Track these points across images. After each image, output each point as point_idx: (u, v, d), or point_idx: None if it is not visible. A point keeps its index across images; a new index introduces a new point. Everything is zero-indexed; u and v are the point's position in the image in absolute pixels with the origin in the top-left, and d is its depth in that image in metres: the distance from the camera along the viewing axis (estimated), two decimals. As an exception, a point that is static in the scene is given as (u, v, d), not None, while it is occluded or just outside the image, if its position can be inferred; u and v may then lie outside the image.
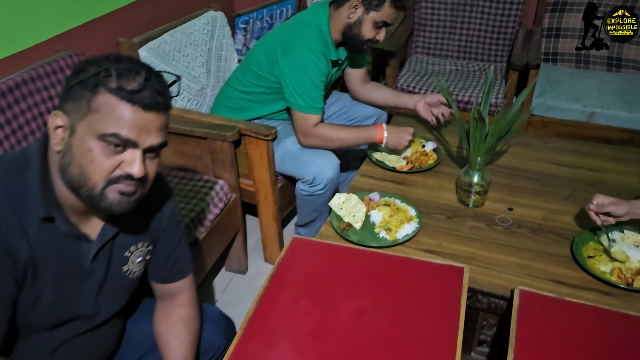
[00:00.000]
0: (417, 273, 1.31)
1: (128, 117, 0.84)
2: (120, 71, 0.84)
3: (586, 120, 2.36)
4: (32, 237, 0.88)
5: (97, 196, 0.88)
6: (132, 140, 0.85)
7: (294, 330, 1.14)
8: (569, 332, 1.13)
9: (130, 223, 1.03)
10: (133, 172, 0.86)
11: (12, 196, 0.87)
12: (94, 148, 0.84)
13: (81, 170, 0.86)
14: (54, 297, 0.94)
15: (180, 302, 1.16)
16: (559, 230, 1.52)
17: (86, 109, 0.84)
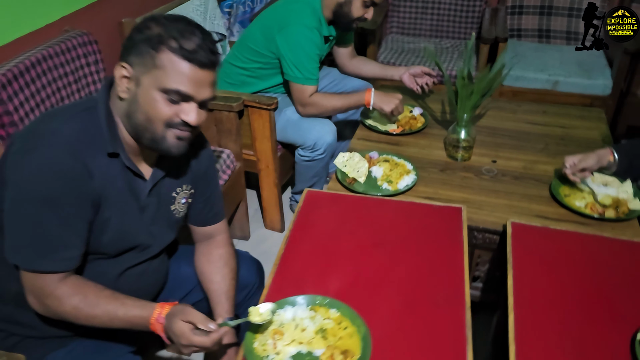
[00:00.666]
0: (422, 214, 1.49)
1: (187, 74, 0.97)
2: (180, 32, 0.96)
3: (551, 88, 2.61)
4: (103, 169, 1.01)
5: (159, 139, 1.02)
6: (190, 95, 0.99)
7: (320, 265, 1.30)
8: (556, 254, 1.33)
9: (175, 168, 1.16)
10: (190, 120, 1.01)
11: (86, 132, 1.00)
12: (157, 98, 0.98)
13: (146, 116, 0.99)
14: (119, 225, 1.07)
15: (219, 243, 1.30)
16: (537, 177, 1.73)
17: (151, 64, 0.97)
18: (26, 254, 0.99)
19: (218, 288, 1.25)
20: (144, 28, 0.98)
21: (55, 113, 1.06)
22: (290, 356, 1.06)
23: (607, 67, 2.65)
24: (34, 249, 0.98)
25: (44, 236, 0.97)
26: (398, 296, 1.21)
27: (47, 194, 0.95)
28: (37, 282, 1.00)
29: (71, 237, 1.00)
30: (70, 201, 0.97)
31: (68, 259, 1.01)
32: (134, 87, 0.99)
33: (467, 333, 1.11)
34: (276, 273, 1.27)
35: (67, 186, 0.96)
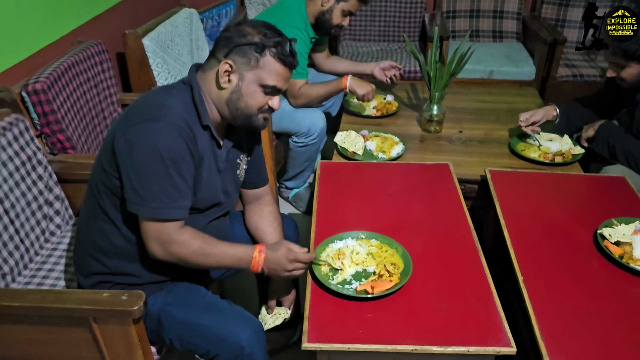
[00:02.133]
0: (418, 171, 1.83)
1: (281, 74, 1.26)
2: (277, 41, 1.24)
3: (487, 77, 3.08)
4: (200, 137, 1.26)
5: (253, 120, 1.31)
6: (280, 89, 1.29)
7: (349, 212, 1.60)
8: (526, 187, 1.72)
9: (238, 140, 1.42)
10: (275, 107, 1.31)
11: (188, 107, 1.24)
12: (257, 91, 1.26)
13: (247, 104, 1.27)
14: (208, 184, 1.31)
15: (267, 202, 1.57)
16: (497, 140, 2.13)
17: (254, 64, 1.23)
18: (154, 205, 1.18)
19: (272, 238, 1.51)
20: (245, 33, 1.23)
21: (160, 91, 1.28)
22: (351, 275, 1.34)
23: (529, 57, 3.16)
24: (162, 200, 1.18)
25: (170, 188, 1.18)
26: (419, 227, 1.54)
27: (173, 152, 1.17)
28: (164, 230, 1.20)
29: (187, 189, 1.22)
30: (188, 159, 1.21)
31: (185, 208, 1.22)
32: (237, 81, 1.25)
33: (478, 247, 1.45)
34: (317, 222, 1.55)
35: (187, 147, 1.19)
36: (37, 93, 1.65)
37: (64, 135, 1.73)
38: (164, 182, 1.18)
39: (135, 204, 1.19)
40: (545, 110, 2.05)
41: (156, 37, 2.29)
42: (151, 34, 2.28)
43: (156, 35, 2.30)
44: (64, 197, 1.69)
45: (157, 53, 2.29)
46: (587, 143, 1.99)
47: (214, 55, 1.27)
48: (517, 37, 3.41)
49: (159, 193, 1.18)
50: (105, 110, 2.05)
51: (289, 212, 2.62)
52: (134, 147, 1.17)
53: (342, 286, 1.30)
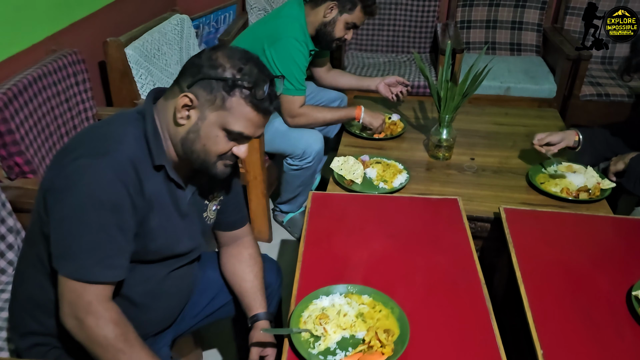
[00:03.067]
0: (422, 207, 1.61)
1: (252, 120, 1.04)
2: (253, 80, 1.02)
3: (504, 94, 2.84)
4: (151, 180, 1.05)
5: (210, 166, 1.10)
6: (249, 136, 1.08)
7: (340, 258, 1.38)
8: (546, 230, 1.49)
9: (209, 179, 1.22)
10: (240, 155, 1.10)
11: (140, 144, 1.04)
12: (219, 135, 1.05)
13: (205, 149, 1.06)
14: (165, 232, 1.10)
15: (247, 244, 1.36)
16: (514, 170, 1.90)
17: (220, 104, 1.02)
18: (80, 261, 0.97)
19: (252, 285, 1.30)
20: (217, 65, 1.02)
21: (111, 121, 1.08)
22: (336, 342, 1.13)
23: (549, 73, 2.93)
24: (90, 255, 0.97)
25: (104, 241, 0.97)
26: (419, 279, 1.32)
27: (112, 198, 0.97)
28: (85, 294, 0.97)
29: (125, 244, 1.01)
30: (128, 208, 1.00)
31: (119, 267, 1.01)
32: (197, 119, 1.04)
33: (488, 306, 1.23)
34: (301, 269, 1.33)
35: (128, 193, 0.99)
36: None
37: (23, 159, 1.54)
38: (99, 232, 0.97)
39: (59, 258, 0.98)
40: (565, 134, 1.82)
41: (140, 46, 2.10)
42: (135, 43, 2.09)
43: (141, 43, 2.11)
44: (20, 229, 1.50)
45: (141, 63, 2.10)
46: (616, 177, 1.76)
47: (178, 83, 1.06)
48: (536, 51, 3.18)
49: (88, 246, 0.97)
50: (78, 127, 1.86)
51: (283, 238, 2.42)
52: (67, 187, 0.97)
53: (325, 357, 1.09)
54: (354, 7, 2.02)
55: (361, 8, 2.02)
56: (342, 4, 2.01)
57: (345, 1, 2.01)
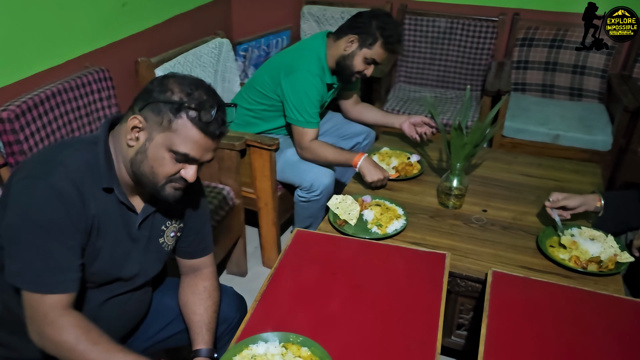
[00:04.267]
0: (406, 259, 1.53)
1: (198, 142, 1.06)
2: (200, 103, 1.04)
3: (551, 142, 2.65)
4: (98, 201, 1.08)
5: (159, 189, 1.11)
6: (196, 159, 1.08)
7: (299, 303, 1.34)
8: (532, 305, 1.35)
9: (166, 203, 1.23)
10: (188, 178, 1.11)
11: (87, 166, 1.07)
12: (165, 157, 1.07)
13: (152, 170, 1.08)
14: (109, 255, 1.13)
15: (205, 275, 1.35)
16: (526, 228, 1.75)
17: (166, 125, 1.05)
18: (29, 276, 1.02)
19: (200, 320, 1.29)
20: (166, 89, 1.05)
21: (63, 145, 1.14)
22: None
23: (608, 123, 2.68)
24: (37, 271, 1.02)
25: (46, 258, 1.02)
26: (372, 337, 1.24)
27: (49, 218, 1.01)
28: (40, 307, 1.02)
29: (70, 260, 1.05)
30: (69, 226, 1.03)
31: (70, 281, 1.05)
32: (144, 140, 1.07)
33: (436, 378, 1.13)
34: (255, 308, 1.31)
35: (68, 212, 1.02)
36: (2, 122, 1.57)
37: (29, 167, 1.64)
38: (35, 251, 1.02)
39: (12, 273, 1.04)
40: (585, 198, 1.65)
41: (171, 67, 2.18)
42: (166, 64, 2.18)
43: (172, 65, 2.19)
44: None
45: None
46: (638, 253, 1.57)
47: (132, 108, 1.10)
48: (599, 98, 2.93)
49: (33, 263, 1.02)
50: (96, 141, 1.96)
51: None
52: (10, 206, 1.03)
53: (241, 407, 1.05)
54: (374, 43, 1.97)
55: (382, 44, 1.98)
56: (362, 38, 1.98)
57: (367, 36, 1.97)
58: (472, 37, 3.00)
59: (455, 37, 3.03)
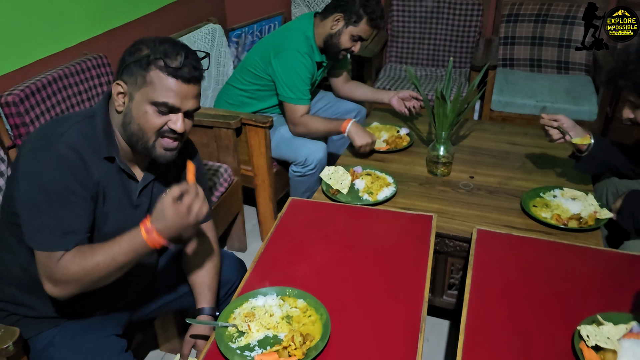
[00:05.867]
0: (395, 221, 1.61)
1: (173, 89, 1.13)
2: (165, 52, 1.12)
3: (539, 114, 2.71)
4: (101, 169, 1.16)
5: (150, 148, 1.18)
6: (176, 107, 1.15)
7: (294, 262, 1.42)
8: (515, 259, 1.43)
9: (165, 172, 1.31)
10: (176, 128, 1.17)
11: (86, 137, 1.15)
12: (148, 111, 1.14)
13: (139, 127, 1.16)
14: (116, 219, 1.22)
15: (205, 240, 1.43)
16: (511, 191, 1.83)
17: (141, 82, 1.13)
18: (38, 238, 1.10)
19: (202, 281, 1.38)
20: (135, 50, 1.14)
21: (63, 119, 1.22)
22: (257, 340, 1.17)
23: (594, 94, 2.75)
24: (44, 233, 1.10)
25: (53, 221, 1.10)
26: (363, 290, 1.32)
27: (57, 182, 1.09)
28: (50, 263, 1.09)
29: (80, 222, 1.13)
30: (76, 192, 1.11)
31: (72, 242, 1.12)
32: (128, 102, 1.15)
33: (422, 324, 1.21)
34: (254, 268, 1.39)
35: (74, 176, 1.11)
36: (8, 105, 1.66)
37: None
38: (46, 214, 1.10)
39: (26, 236, 1.12)
40: (576, 125, 1.77)
41: (166, 52, 2.25)
42: (162, 49, 2.25)
43: (167, 50, 2.26)
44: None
45: (167, 68, 2.25)
46: (616, 216, 1.64)
47: (115, 77, 1.18)
48: (586, 70, 3.00)
49: (41, 226, 1.10)
50: (97, 124, 2.04)
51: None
52: (20, 178, 1.11)
53: (242, 352, 1.14)
54: (360, 20, 2.05)
55: (367, 21, 2.05)
56: (348, 16, 2.05)
57: (351, 14, 2.04)
58: (459, 15, 3.06)
59: (443, 16, 3.09)
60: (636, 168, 1.79)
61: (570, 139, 1.73)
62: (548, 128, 1.78)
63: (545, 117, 1.77)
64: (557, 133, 1.76)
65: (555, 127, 1.76)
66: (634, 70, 1.45)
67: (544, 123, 1.78)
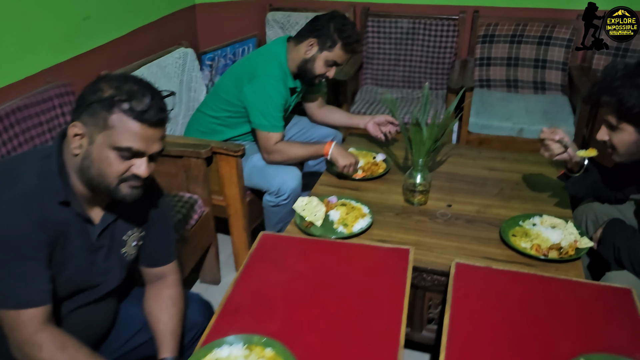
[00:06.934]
0: (370, 256, 1.55)
1: (138, 133, 1.06)
2: (130, 94, 1.05)
3: (516, 136, 2.70)
4: (56, 216, 1.08)
5: (113, 191, 1.11)
6: (140, 151, 1.08)
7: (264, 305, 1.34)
8: (494, 294, 1.38)
9: (127, 212, 1.23)
10: (140, 173, 1.10)
11: (41, 182, 1.08)
12: (110, 156, 1.07)
13: (100, 172, 1.08)
14: (74, 267, 1.14)
15: (169, 283, 1.36)
16: (489, 220, 1.78)
17: (103, 124, 1.05)
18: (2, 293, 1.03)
19: (165, 328, 1.29)
20: (97, 90, 1.06)
21: (18, 158, 1.14)
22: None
23: (571, 115, 2.74)
24: (8, 287, 1.03)
25: (15, 273, 1.03)
26: (335, 335, 1.25)
27: (12, 233, 1.02)
28: (16, 324, 1.03)
29: (39, 273, 1.06)
30: (33, 239, 1.04)
31: (42, 293, 1.06)
32: (87, 145, 1.07)
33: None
34: (220, 313, 1.31)
35: (30, 225, 1.03)
36: (-42, 141, 1.57)
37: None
38: (4, 268, 1.02)
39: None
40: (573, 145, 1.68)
41: (134, 79, 2.18)
42: (129, 76, 2.17)
43: (134, 77, 2.19)
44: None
45: (134, 95, 2.17)
46: (596, 245, 1.60)
47: (72, 117, 1.11)
48: (562, 90, 3.00)
49: (2, 279, 1.03)
50: (60, 156, 1.95)
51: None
52: None
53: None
54: (334, 45, 2.00)
55: (342, 46, 2.01)
56: (322, 41, 2.00)
57: (326, 38, 2.00)
58: (434, 37, 3.05)
59: (418, 37, 3.07)
60: (617, 192, 1.75)
61: (574, 151, 1.65)
62: (549, 142, 1.67)
63: (546, 131, 1.68)
64: (559, 147, 1.66)
65: (556, 141, 1.67)
66: (620, 87, 1.41)
67: (544, 137, 1.68)
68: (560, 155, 1.67)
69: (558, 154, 1.67)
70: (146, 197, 1.27)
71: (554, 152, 1.67)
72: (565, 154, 1.66)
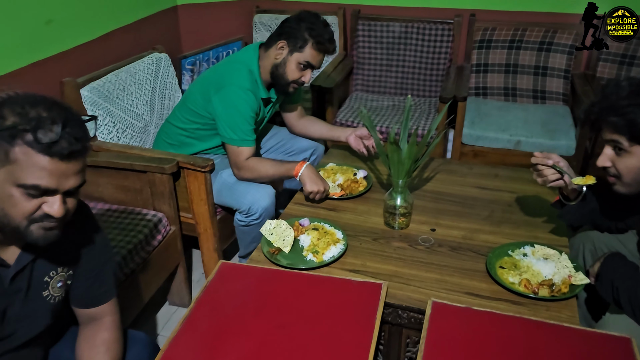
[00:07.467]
0: (339, 291, 1.38)
1: (46, 168, 0.89)
2: (36, 122, 0.87)
3: (513, 148, 2.52)
4: None
5: (23, 232, 0.94)
6: (51, 189, 0.91)
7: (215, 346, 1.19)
8: (474, 338, 1.22)
9: (49, 250, 1.07)
10: (53, 213, 0.93)
11: None
12: (15, 194, 0.90)
13: (3, 212, 0.92)
14: None
15: (104, 326, 1.20)
16: (476, 248, 1.61)
17: (4, 158, 0.89)
18: None
19: (97, 377, 1.14)
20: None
21: None
22: None
23: (572, 127, 2.57)
24: None
25: None
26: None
27: None
28: None
29: None
30: None
31: None
32: None
33: None
34: (165, 352, 1.16)
35: None
36: None
37: None
38: None
39: None
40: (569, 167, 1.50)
41: (100, 87, 2.04)
42: (94, 83, 2.03)
43: (101, 84, 2.05)
44: None
45: (99, 104, 2.03)
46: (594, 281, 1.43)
47: None
48: (564, 100, 2.82)
49: None
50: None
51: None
52: None
53: None
54: (305, 45, 1.84)
55: (313, 45, 1.84)
56: (292, 42, 1.84)
57: (296, 39, 1.84)
58: (428, 41, 2.88)
59: (412, 42, 2.91)
60: (618, 222, 1.58)
61: (570, 179, 1.47)
62: (542, 168, 1.50)
63: (539, 156, 1.51)
64: (554, 173, 1.49)
65: (550, 166, 1.49)
66: (628, 106, 1.24)
67: (536, 162, 1.51)
68: (555, 182, 1.50)
69: (552, 181, 1.50)
70: (73, 232, 1.11)
71: (547, 178, 1.50)
72: (560, 181, 1.49)
